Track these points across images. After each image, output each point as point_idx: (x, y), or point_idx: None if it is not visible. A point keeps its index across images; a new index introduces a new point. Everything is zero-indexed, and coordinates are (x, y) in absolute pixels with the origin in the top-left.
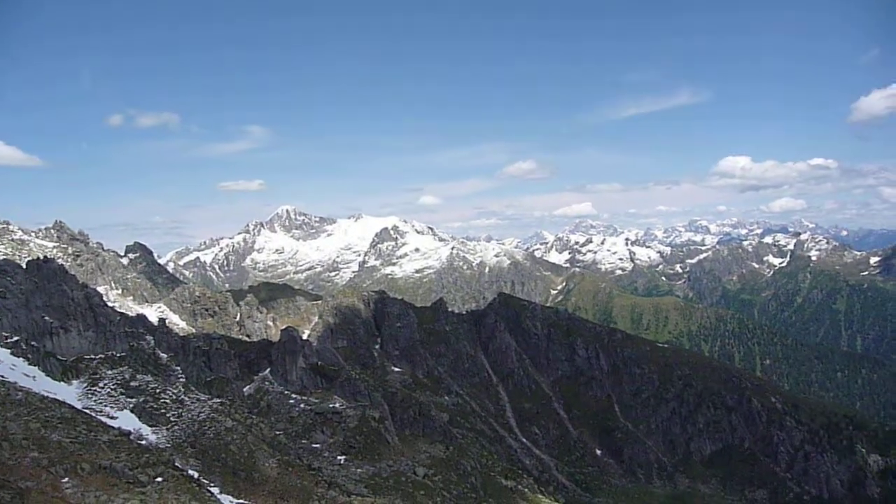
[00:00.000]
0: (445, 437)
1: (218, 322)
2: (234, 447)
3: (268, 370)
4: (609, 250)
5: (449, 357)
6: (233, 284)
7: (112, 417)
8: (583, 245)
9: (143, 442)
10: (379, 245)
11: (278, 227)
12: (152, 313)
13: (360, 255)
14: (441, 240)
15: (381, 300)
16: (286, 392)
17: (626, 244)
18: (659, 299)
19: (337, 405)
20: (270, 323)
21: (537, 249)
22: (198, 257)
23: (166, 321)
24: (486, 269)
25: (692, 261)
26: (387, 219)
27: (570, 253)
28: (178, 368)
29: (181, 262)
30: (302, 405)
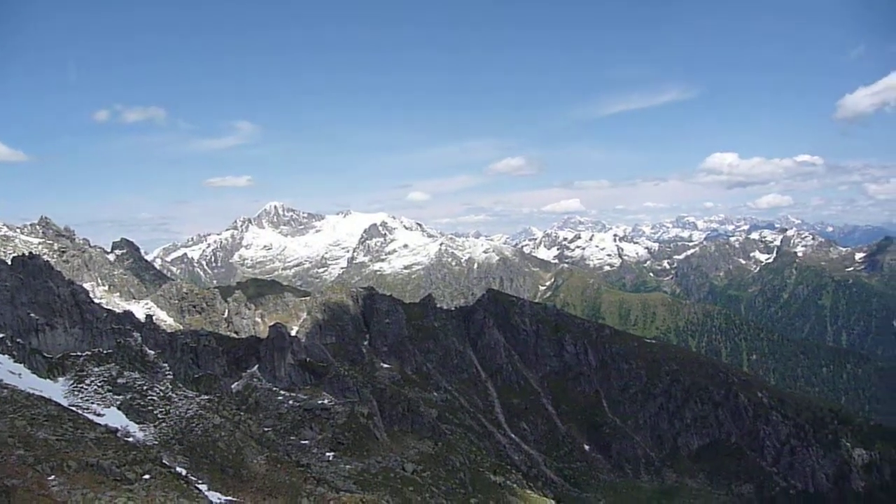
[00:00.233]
0: (434, 433)
1: (206, 319)
2: (223, 444)
3: (256, 367)
4: (597, 246)
5: (438, 353)
6: (220, 281)
7: (99, 415)
8: (571, 241)
9: (131, 439)
10: (367, 241)
11: (266, 223)
12: (139, 310)
13: (348, 252)
14: (430, 236)
15: (369, 296)
16: (274, 389)
17: (614, 240)
18: (647, 295)
19: (325, 402)
20: (258, 319)
21: (526, 246)
22: (185, 253)
23: (153, 318)
24: (475, 266)
25: (679, 257)
26: (375, 215)
27: (558, 249)
28: (166, 365)
29: (168, 259)
30: (290, 402)
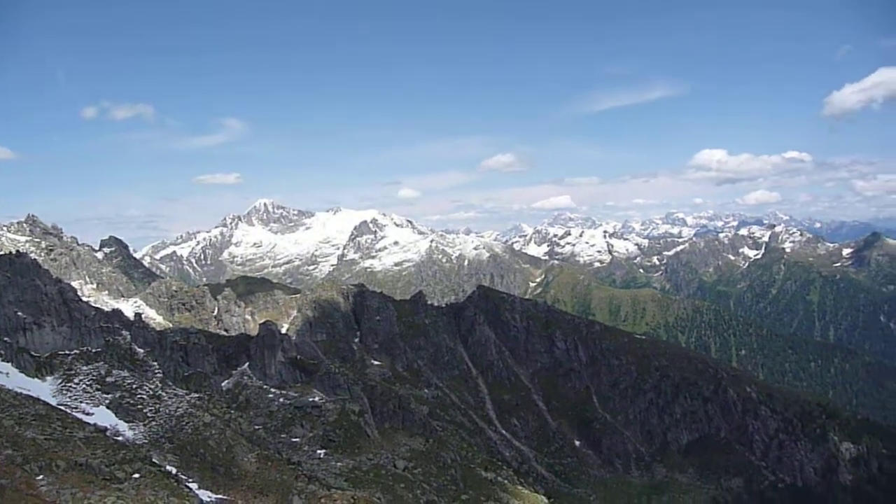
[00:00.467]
0: (425, 430)
1: (195, 316)
2: (213, 442)
3: (246, 364)
4: (587, 243)
5: (428, 350)
6: (210, 278)
7: (88, 414)
8: (561, 238)
9: (120, 438)
10: (358, 238)
11: (256, 220)
12: (128, 308)
13: (338, 249)
14: (420, 233)
15: (360, 293)
16: (265, 386)
17: (604, 237)
18: (637, 291)
19: (316, 399)
20: (248, 317)
21: (516, 242)
22: (174, 251)
23: (143, 316)
24: (466, 262)
25: (669, 253)
26: (365, 212)
27: (548, 246)
28: (155, 364)
29: (157, 257)
30: (281, 399)
